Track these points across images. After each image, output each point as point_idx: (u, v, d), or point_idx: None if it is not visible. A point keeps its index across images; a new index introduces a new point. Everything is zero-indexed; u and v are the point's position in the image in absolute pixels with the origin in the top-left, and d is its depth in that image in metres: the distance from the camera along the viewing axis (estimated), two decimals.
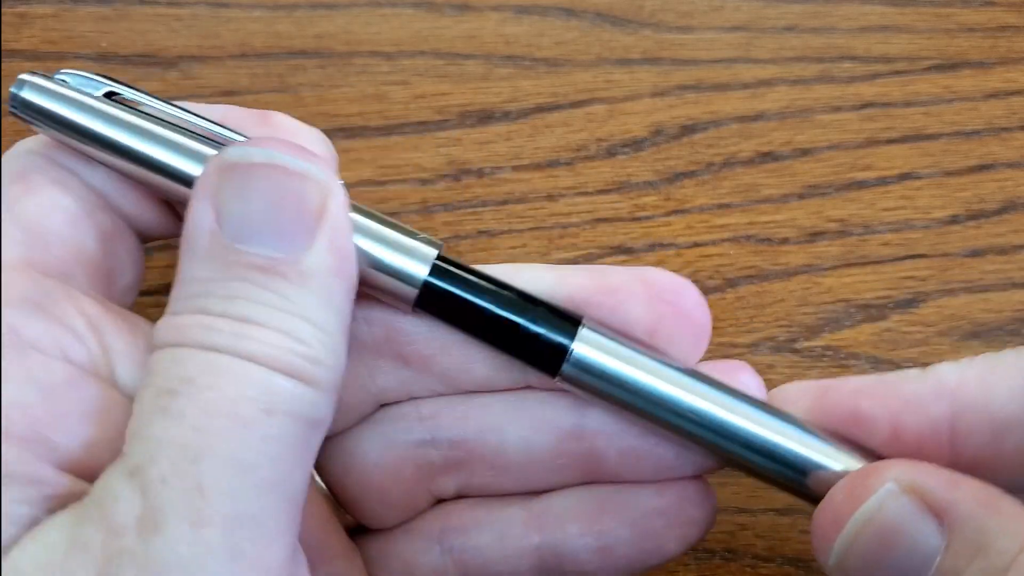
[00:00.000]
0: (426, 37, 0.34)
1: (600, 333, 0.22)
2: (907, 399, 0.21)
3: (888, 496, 0.20)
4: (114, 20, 0.34)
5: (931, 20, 0.35)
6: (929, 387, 0.21)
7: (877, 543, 0.20)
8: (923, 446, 0.21)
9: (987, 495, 0.20)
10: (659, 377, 0.22)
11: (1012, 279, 0.32)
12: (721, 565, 0.29)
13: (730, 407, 0.22)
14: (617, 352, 0.22)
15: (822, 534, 0.21)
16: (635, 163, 0.33)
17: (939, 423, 0.21)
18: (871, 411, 0.22)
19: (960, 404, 0.21)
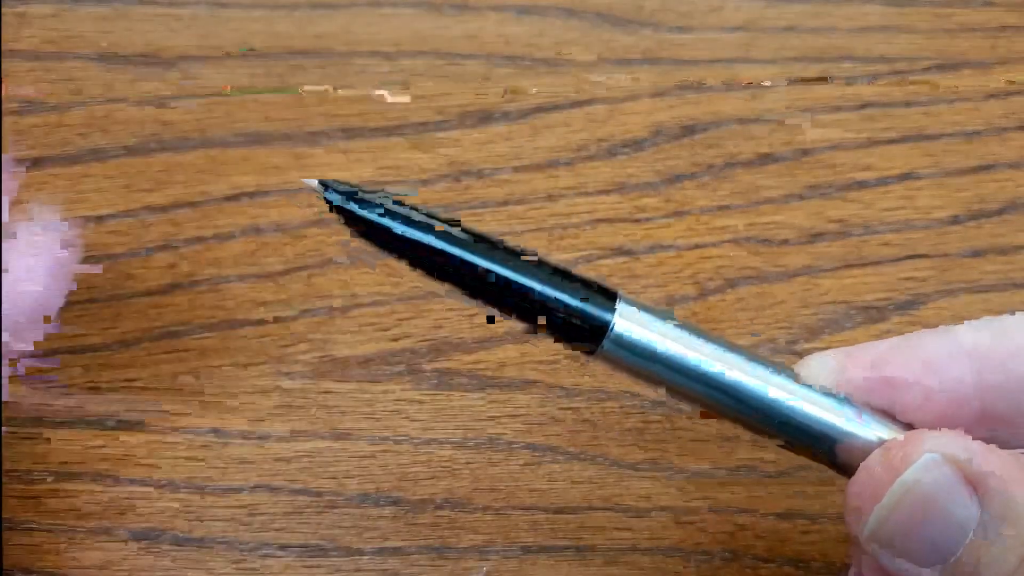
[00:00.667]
0: (426, 37, 0.34)
1: (637, 307, 0.22)
2: (927, 362, 0.22)
3: (928, 466, 0.20)
4: (114, 20, 0.34)
5: (931, 20, 0.35)
6: (947, 347, 0.22)
7: (915, 513, 0.20)
8: (952, 406, 0.22)
9: (1017, 466, 0.20)
10: (694, 351, 0.22)
11: (1012, 280, 0.32)
12: (721, 566, 0.29)
13: (764, 379, 0.22)
14: (654, 327, 0.22)
15: (858, 503, 0.21)
16: (635, 163, 0.33)
17: (963, 383, 0.22)
18: (900, 376, 0.22)
19: (981, 362, 0.22)
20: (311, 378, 0.30)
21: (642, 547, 0.29)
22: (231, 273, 0.31)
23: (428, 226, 0.22)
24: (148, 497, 0.29)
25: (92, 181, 0.32)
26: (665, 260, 0.32)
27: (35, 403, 0.29)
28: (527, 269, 0.22)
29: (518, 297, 0.21)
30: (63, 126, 0.33)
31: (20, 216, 0.24)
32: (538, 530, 0.29)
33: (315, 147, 0.33)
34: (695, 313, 0.31)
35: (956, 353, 0.22)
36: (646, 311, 0.22)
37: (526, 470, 0.29)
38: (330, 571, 0.28)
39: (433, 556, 0.29)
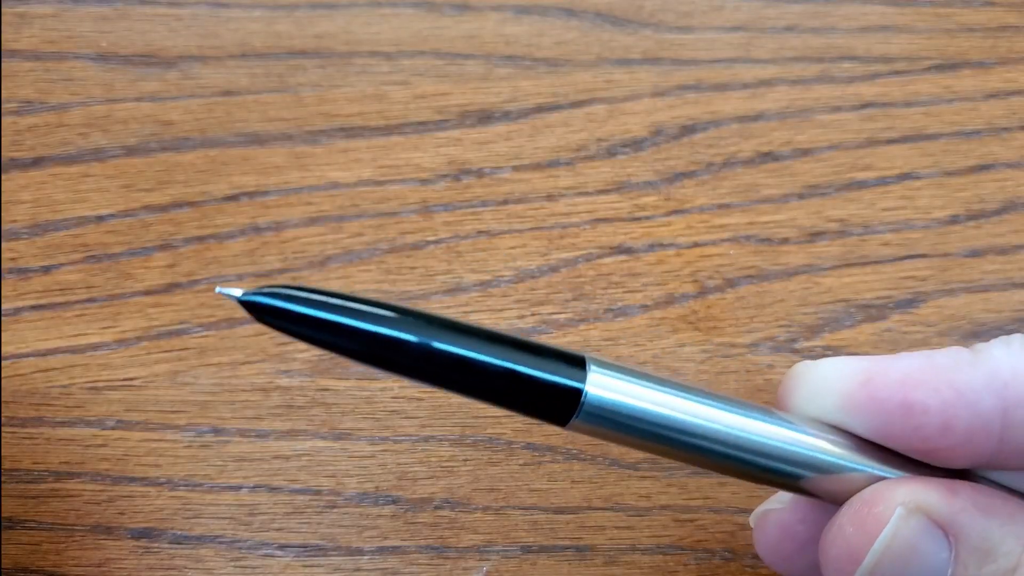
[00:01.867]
0: (426, 37, 0.34)
1: (608, 369, 0.20)
2: (959, 391, 0.21)
3: (900, 523, 0.20)
4: (114, 20, 0.34)
5: (931, 20, 0.35)
6: (982, 377, 0.21)
7: (893, 570, 0.20)
8: (972, 438, 0.21)
9: (985, 499, 0.20)
10: (668, 415, 0.21)
11: (1012, 279, 0.32)
12: (721, 565, 0.29)
13: (744, 429, 0.21)
14: (629, 391, 0.20)
15: (837, 567, 0.21)
16: (635, 163, 0.33)
17: (990, 416, 0.21)
18: (923, 401, 0.21)
19: (1013, 397, 0.21)
20: (310, 376, 0.30)
21: (642, 547, 0.29)
22: (231, 273, 0.31)
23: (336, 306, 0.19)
24: (147, 496, 0.29)
25: (92, 181, 0.32)
26: (665, 259, 0.32)
27: (35, 403, 0.29)
28: (495, 348, 0.19)
29: (484, 379, 0.19)
30: (63, 126, 0.33)
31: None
32: (538, 530, 0.29)
33: (315, 147, 0.33)
34: (695, 311, 0.31)
35: (992, 383, 0.21)
36: (617, 372, 0.20)
37: (526, 470, 0.29)
38: (329, 570, 0.28)
39: (432, 556, 0.29)
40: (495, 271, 0.31)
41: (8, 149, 0.32)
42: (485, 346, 0.19)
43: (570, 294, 0.31)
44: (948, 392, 0.21)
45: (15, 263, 0.31)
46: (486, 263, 0.31)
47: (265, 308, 0.19)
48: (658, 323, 0.31)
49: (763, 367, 0.31)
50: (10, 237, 0.31)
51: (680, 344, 0.31)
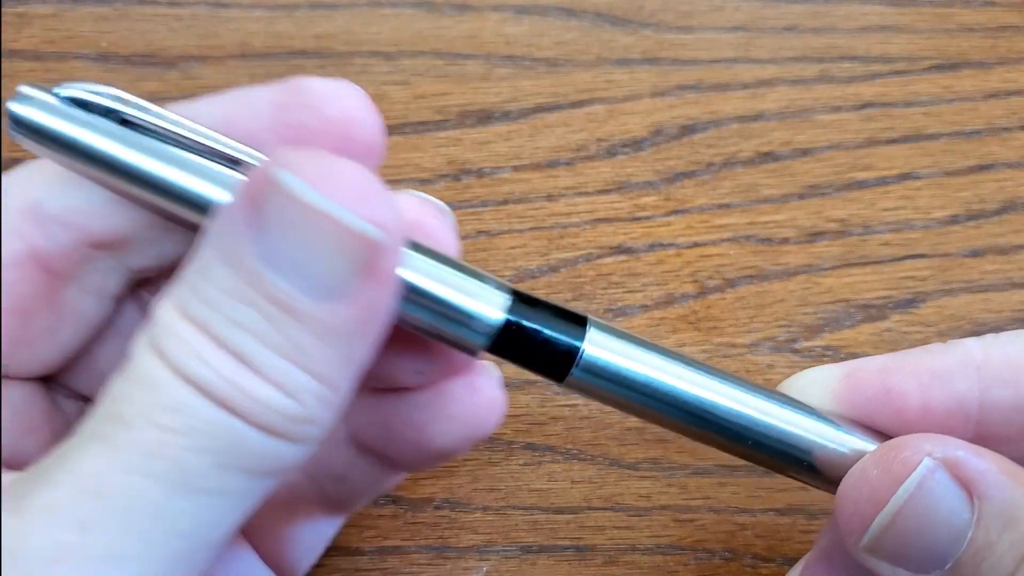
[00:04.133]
0: (426, 37, 0.34)
1: (606, 331, 0.21)
2: (935, 373, 0.21)
3: (927, 472, 0.20)
4: (114, 20, 0.34)
5: (931, 20, 0.35)
6: (956, 361, 0.21)
7: (916, 520, 0.20)
8: (951, 420, 0.21)
9: (1012, 466, 0.20)
10: (666, 374, 0.21)
11: (1012, 279, 0.32)
12: (721, 565, 0.29)
13: (736, 397, 0.21)
14: (625, 352, 0.21)
15: (857, 514, 0.20)
16: (635, 163, 0.33)
17: (967, 397, 0.21)
18: (901, 386, 0.21)
19: (987, 379, 0.21)
20: None
21: (642, 547, 0.29)
22: None
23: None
24: None
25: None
26: (665, 259, 0.32)
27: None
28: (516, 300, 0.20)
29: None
30: None
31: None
32: (538, 530, 0.29)
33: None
34: (695, 311, 0.31)
35: (965, 366, 0.21)
36: (614, 335, 0.21)
37: (526, 470, 0.29)
38: (330, 571, 0.28)
39: (432, 555, 0.29)
40: (495, 271, 0.31)
41: (8, 149, 0.32)
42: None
43: (570, 294, 0.31)
44: (924, 375, 0.21)
45: None
46: (486, 263, 0.31)
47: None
48: (658, 323, 0.31)
49: (763, 367, 0.31)
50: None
51: (680, 344, 0.31)
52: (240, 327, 0.17)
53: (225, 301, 0.17)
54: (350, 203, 0.17)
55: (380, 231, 0.17)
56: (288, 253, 0.17)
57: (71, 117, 0.19)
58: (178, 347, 0.17)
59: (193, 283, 0.17)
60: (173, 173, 0.19)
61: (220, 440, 0.17)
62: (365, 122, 0.20)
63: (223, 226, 0.17)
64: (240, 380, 0.17)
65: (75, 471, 0.16)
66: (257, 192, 0.17)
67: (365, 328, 0.18)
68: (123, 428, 0.16)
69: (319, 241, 0.17)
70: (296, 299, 0.17)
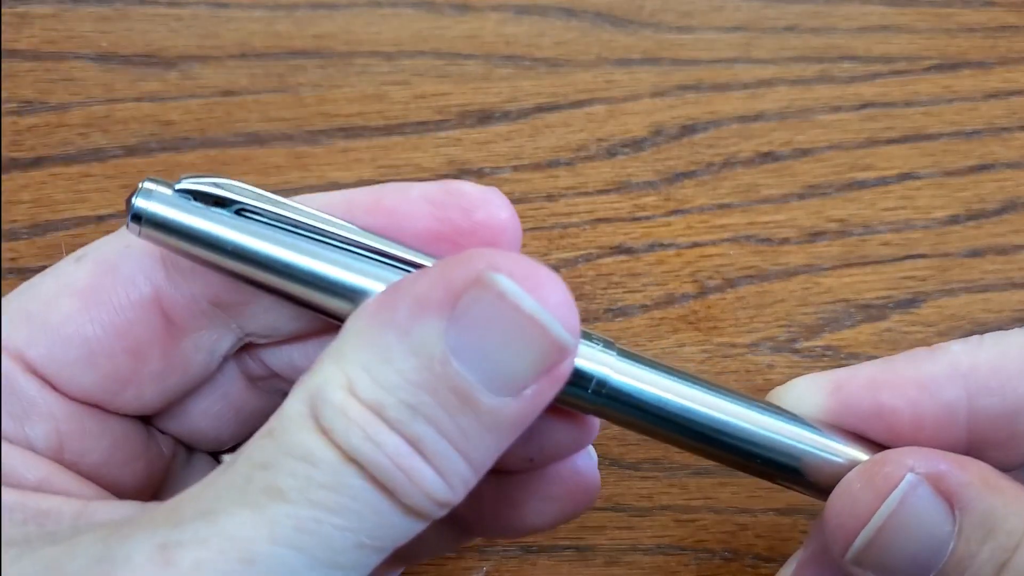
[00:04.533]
0: (426, 37, 0.34)
1: (627, 358, 0.21)
2: (923, 385, 0.21)
3: (909, 488, 0.20)
4: (114, 20, 0.34)
5: (931, 20, 0.35)
6: (943, 370, 0.21)
7: (900, 533, 0.20)
8: (942, 431, 0.21)
9: (992, 476, 0.20)
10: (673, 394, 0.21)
11: (1012, 279, 0.32)
12: (722, 565, 0.29)
13: (726, 410, 0.21)
14: (641, 377, 0.21)
15: (842, 528, 0.21)
16: (635, 163, 0.33)
17: (956, 406, 0.21)
18: (891, 403, 0.21)
19: (974, 387, 0.21)
20: None
21: (643, 547, 0.29)
22: None
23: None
24: None
25: (92, 181, 0.32)
26: (665, 259, 0.32)
27: None
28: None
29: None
30: (63, 126, 0.33)
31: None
32: None
33: (315, 147, 0.33)
34: (695, 311, 0.31)
35: (952, 375, 0.21)
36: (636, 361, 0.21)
37: None
38: None
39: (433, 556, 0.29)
40: None
41: (8, 149, 0.32)
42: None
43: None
44: (913, 390, 0.21)
45: (15, 263, 0.31)
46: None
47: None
48: (658, 323, 0.31)
49: (763, 367, 0.31)
50: (10, 237, 0.31)
51: (680, 344, 0.31)
52: (417, 413, 0.17)
53: (404, 386, 0.17)
54: (555, 310, 0.18)
55: (572, 340, 0.18)
56: (479, 347, 0.18)
57: (195, 211, 0.20)
58: (349, 428, 0.17)
59: (369, 365, 0.18)
60: (296, 258, 0.20)
61: (368, 521, 0.17)
62: (510, 231, 0.21)
63: (408, 314, 0.18)
64: (409, 464, 0.17)
65: (225, 534, 0.17)
66: (458, 286, 0.18)
67: (524, 423, 0.19)
68: (280, 501, 0.17)
69: (516, 340, 0.18)
70: (477, 391, 0.18)
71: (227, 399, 0.23)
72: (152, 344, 0.21)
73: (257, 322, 0.22)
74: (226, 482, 0.17)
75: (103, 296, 0.21)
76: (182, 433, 0.23)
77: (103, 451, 0.21)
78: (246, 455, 0.18)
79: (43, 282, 0.21)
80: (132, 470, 0.22)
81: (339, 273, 0.20)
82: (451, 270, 0.18)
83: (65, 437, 0.21)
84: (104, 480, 0.21)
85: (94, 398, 0.21)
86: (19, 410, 0.20)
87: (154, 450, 0.23)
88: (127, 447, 0.22)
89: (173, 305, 0.21)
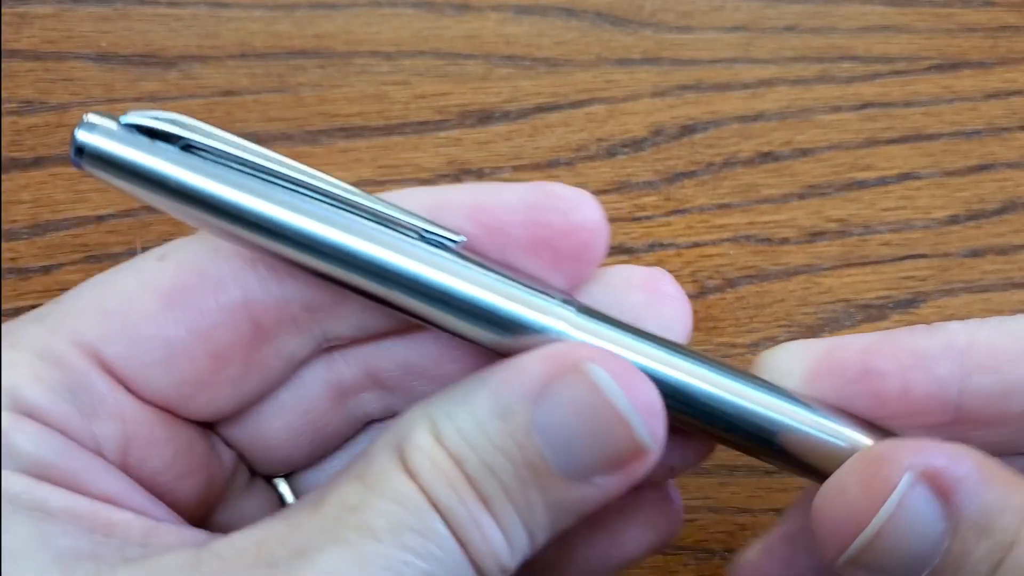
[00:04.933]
0: (426, 37, 0.34)
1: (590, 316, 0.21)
2: (918, 355, 0.21)
3: (907, 490, 0.19)
4: (114, 20, 0.34)
5: (931, 20, 0.35)
6: (939, 345, 0.21)
7: (895, 539, 0.20)
8: (930, 404, 0.21)
9: (986, 468, 0.19)
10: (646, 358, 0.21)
11: (1012, 279, 0.32)
12: (721, 565, 0.29)
13: (709, 380, 0.21)
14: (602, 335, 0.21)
15: (837, 532, 0.20)
16: (635, 163, 0.33)
17: (948, 381, 0.21)
18: (882, 367, 0.21)
19: (970, 364, 0.21)
20: None
21: None
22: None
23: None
24: None
25: (92, 181, 0.32)
26: (665, 259, 0.32)
27: None
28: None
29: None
30: (63, 126, 0.33)
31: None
32: None
33: (315, 147, 0.33)
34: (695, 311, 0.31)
35: (949, 350, 0.21)
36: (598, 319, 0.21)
37: None
38: None
39: None
40: None
41: (8, 149, 0.32)
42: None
43: None
44: (906, 357, 0.21)
45: (15, 263, 0.31)
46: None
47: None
48: None
49: None
50: (10, 237, 0.31)
51: None
52: (493, 475, 0.18)
53: (486, 447, 0.18)
54: (643, 412, 0.19)
55: (654, 444, 0.19)
56: (563, 429, 0.19)
57: (136, 144, 0.19)
58: (434, 474, 0.18)
59: (456, 416, 0.19)
60: (243, 198, 0.19)
61: (447, 570, 0.18)
62: (602, 233, 0.22)
63: (503, 379, 0.19)
64: (481, 520, 0.18)
65: (321, 570, 0.17)
66: (556, 369, 0.19)
67: (586, 510, 0.19)
68: (372, 540, 0.17)
69: (599, 433, 0.19)
70: (550, 471, 0.19)
71: (308, 416, 0.23)
72: (235, 349, 0.21)
73: (345, 324, 0.22)
74: (317, 522, 0.18)
75: (189, 297, 0.20)
76: (253, 448, 0.23)
77: (166, 458, 0.21)
78: (335, 497, 0.18)
79: (121, 278, 0.21)
80: (190, 484, 0.22)
81: (286, 215, 0.19)
82: (553, 353, 0.19)
83: (131, 440, 0.20)
84: (160, 489, 0.21)
85: (167, 401, 0.21)
86: (88, 407, 0.20)
87: (216, 465, 0.22)
88: (191, 457, 0.21)
89: (263, 310, 0.21)
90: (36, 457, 0.19)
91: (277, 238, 0.19)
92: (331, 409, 0.23)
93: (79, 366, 0.20)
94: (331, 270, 0.20)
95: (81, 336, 0.20)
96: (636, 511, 0.23)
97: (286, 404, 0.23)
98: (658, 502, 0.23)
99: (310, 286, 0.21)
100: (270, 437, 0.23)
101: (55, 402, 0.19)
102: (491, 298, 0.20)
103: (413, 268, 0.20)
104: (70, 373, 0.20)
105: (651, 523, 0.23)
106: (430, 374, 0.23)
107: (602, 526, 0.23)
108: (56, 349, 0.20)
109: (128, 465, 0.20)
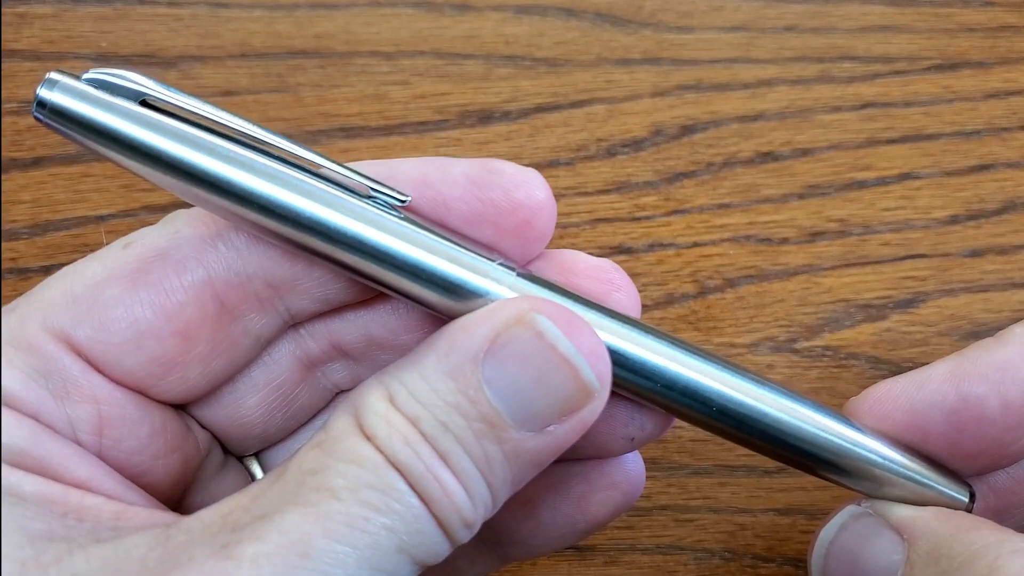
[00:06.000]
0: (426, 37, 0.34)
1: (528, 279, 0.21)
2: (1003, 368, 0.21)
3: (848, 518, 0.21)
4: (114, 20, 0.34)
5: (931, 20, 0.35)
6: (1017, 353, 0.22)
7: (844, 562, 0.21)
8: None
9: (948, 513, 0.21)
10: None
11: (1012, 279, 0.32)
12: (721, 565, 0.29)
13: (653, 349, 0.21)
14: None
15: (809, 553, 0.22)
16: (635, 163, 0.33)
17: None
18: (976, 391, 0.21)
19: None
20: None
21: (642, 546, 0.29)
22: None
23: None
24: None
25: (92, 181, 0.32)
26: (665, 259, 0.32)
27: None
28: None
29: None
30: None
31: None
32: None
33: (315, 147, 0.33)
34: (695, 311, 0.31)
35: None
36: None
37: None
38: None
39: None
40: None
41: (8, 149, 0.32)
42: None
43: None
44: (993, 373, 0.21)
45: (15, 263, 0.31)
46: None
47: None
48: (658, 323, 0.31)
49: (763, 367, 0.31)
50: (10, 237, 0.31)
51: None
52: (448, 431, 0.19)
53: (439, 405, 0.19)
54: (588, 356, 0.19)
55: (601, 387, 0.19)
56: (512, 381, 0.19)
57: (97, 100, 0.20)
58: (391, 434, 0.18)
59: (408, 381, 0.19)
60: (191, 154, 0.20)
61: (409, 525, 0.18)
62: (547, 211, 0.22)
63: (450, 339, 0.19)
64: (440, 475, 0.18)
65: (282, 530, 0.18)
66: (501, 322, 0.19)
67: (543, 459, 0.20)
68: (332, 499, 0.18)
69: (547, 379, 0.19)
70: (504, 422, 0.19)
71: (281, 390, 0.23)
72: (202, 327, 0.21)
73: (307, 298, 0.22)
74: (278, 489, 0.18)
75: (153, 278, 0.21)
76: (229, 426, 0.24)
77: (141, 439, 0.21)
78: (295, 465, 0.19)
79: (88, 266, 0.21)
80: (165, 465, 0.22)
81: (230, 171, 0.20)
82: (497, 308, 0.19)
83: (105, 421, 0.21)
84: (135, 471, 0.21)
85: (139, 382, 0.21)
86: (61, 390, 0.20)
87: (190, 445, 0.23)
88: (164, 438, 0.22)
89: (226, 287, 0.21)
90: (9, 444, 0.19)
91: (220, 192, 0.20)
92: (302, 381, 0.24)
93: (50, 350, 0.20)
94: (278, 227, 0.20)
95: (51, 322, 0.20)
96: (599, 476, 0.23)
97: (259, 381, 0.23)
98: (620, 465, 0.24)
99: (271, 261, 0.21)
100: (245, 414, 0.23)
101: (28, 387, 0.20)
102: (430, 259, 0.20)
103: (353, 225, 0.20)
104: (42, 358, 0.20)
105: (614, 485, 0.23)
106: (391, 344, 0.23)
107: (565, 492, 0.23)
108: (27, 335, 0.20)
109: (103, 447, 0.21)
